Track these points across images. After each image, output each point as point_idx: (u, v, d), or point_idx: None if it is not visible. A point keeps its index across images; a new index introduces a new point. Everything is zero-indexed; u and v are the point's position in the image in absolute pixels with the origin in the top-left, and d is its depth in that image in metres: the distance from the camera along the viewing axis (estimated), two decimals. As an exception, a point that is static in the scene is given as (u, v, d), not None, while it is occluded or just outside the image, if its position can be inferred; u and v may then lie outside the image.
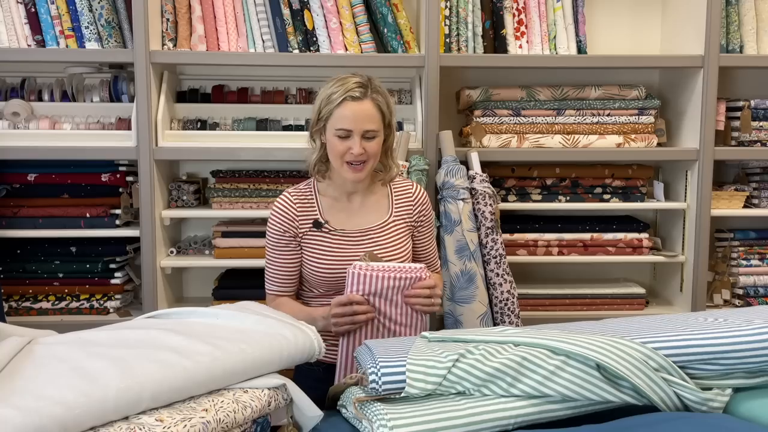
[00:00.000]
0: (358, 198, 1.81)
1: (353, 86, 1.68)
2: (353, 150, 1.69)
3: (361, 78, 1.71)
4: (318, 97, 1.74)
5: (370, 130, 1.69)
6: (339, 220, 1.78)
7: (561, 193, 2.50)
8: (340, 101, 1.68)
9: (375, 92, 1.71)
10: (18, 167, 2.35)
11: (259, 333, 1.23)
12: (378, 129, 1.71)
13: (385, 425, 1.06)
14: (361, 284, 1.62)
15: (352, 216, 1.80)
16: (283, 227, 1.76)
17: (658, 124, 2.49)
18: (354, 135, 1.68)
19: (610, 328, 1.25)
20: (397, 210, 1.82)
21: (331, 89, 1.70)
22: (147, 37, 2.21)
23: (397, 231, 1.80)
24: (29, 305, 2.36)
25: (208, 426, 1.00)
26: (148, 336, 1.18)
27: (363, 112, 1.68)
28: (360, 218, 1.80)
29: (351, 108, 1.68)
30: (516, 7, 2.41)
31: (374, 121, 1.70)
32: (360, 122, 1.68)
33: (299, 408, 1.19)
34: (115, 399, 0.98)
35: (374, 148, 1.72)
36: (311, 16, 2.31)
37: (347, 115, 1.68)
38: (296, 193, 1.81)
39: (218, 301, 2.33)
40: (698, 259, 2.43)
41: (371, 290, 1.62)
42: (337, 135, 1.69)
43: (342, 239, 1.76)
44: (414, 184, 1.90)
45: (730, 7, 2.43)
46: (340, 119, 1.68)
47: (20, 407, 0.91)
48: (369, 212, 1.81)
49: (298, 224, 1.76)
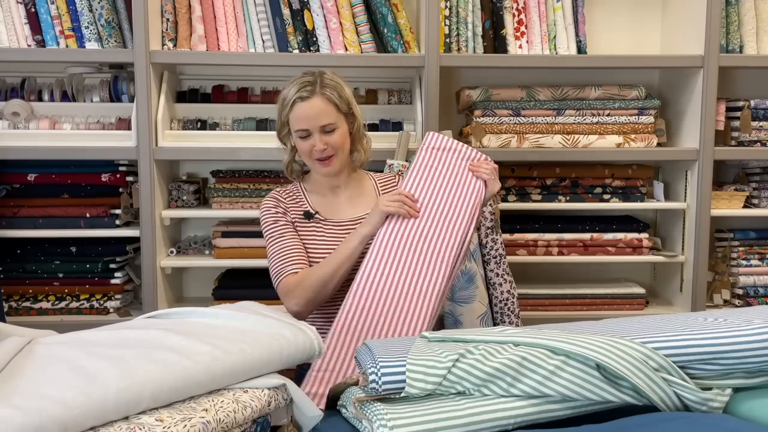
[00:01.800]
0: (342, 191, 1.85)
1: (301, 86, 1.73)
2: (316, 147, 1.74)
3: (310, 76, 1.76)
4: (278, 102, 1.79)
5: (326, 125, 1.74)
6: (329, 211, 1.83)
7: (561, 193, 2.50)
8: (291, 104, 1.74)
9: (323, 87, 1.74)
10: (18, 167, 2.35)
11: (258, 333, 1.23)
12: (334, 121, 1.75)
13: (385, 425, 1.06)
14: (438, 142, 1.76)
15: (341, 208, 1.84)
16: (278, 214, 1.80)
17: (658, 124, 2.49)
18: (313, 133, 1.74)
19: (610, 328, 1.25)
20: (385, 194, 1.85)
21: (284, 93, 1.76)
22: (147, 37, 2.21)
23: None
24: (29, 305, 2.36)
25: (208, 426, 1.00)
26: (148, 336, 1.17)
27: (314, 110, 1.73)
28: (350, 209, 1.84)
29: (302, 109, 1.73)
30: (516, 7, 2.41)
31: (327, 114, 1.74)
32: (313, 120, 1.73)
33: (299, 408, 1.19)
34: (115, 399, 0.98)
35: (337, 139, 1.76)
36: (311, 16, 2.31)
37: (300, 116, 1.73)
38: (283, 190, 1.86)
39: (218, 301, 2.33)
40: (698, 259, 2.43)
41: (444, 153, 1.76)
42: (299, 136, 1.75)
43: (334, 228, 1.80)
44: (395, 175, 1.98)
45: (730, 7, 2.43)
46: (295, 121, 1.74)
47: (20, 407, 0.91)
48: (357, 202, 1.86)
49: (290, 215, 1.81)
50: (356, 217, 1.82)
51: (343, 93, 1.78)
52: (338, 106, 1.76)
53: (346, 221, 1.82)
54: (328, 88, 1.75)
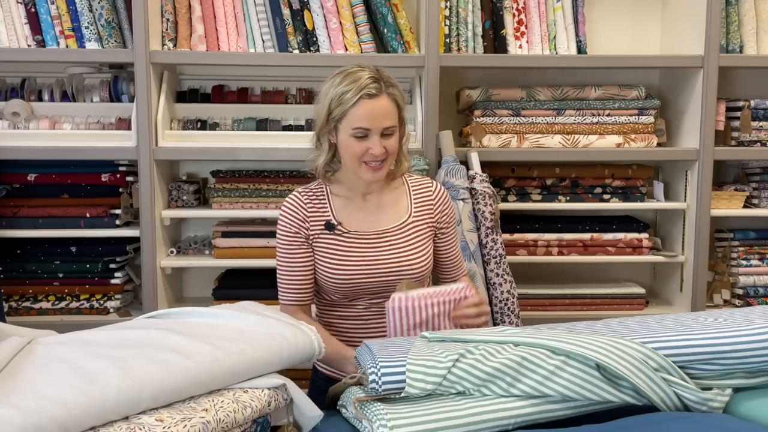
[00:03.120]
0: (373, 197, 1.69)
1: (367, 82, 1.56)
2: (373, 150, 1.56)
3: (370, 71, 1.59)
4: (325, 96, 1.60)
5: (389, 127, 1.58)
6: (353, 221, 1.66)
7: (561, 193, 2.50)
8: (355, 101, 1.55)
9: (389, 85, 1.59)
10: (18, 167, 2.35)
11: (259, 333, 1.23)
12: (396, 125, 1.60)
13: (385, 425, 1.06)
14: (404, 316, 1.51)
15: (367, 217, 1.67)
16: (294, 228, 1.65)
17: (658, 124, 2.49)
18: (372, 134, 1.56)
19: (610, 328, 1.25)
20: (417, 210, 1.70)
21: (343, 87, 1.57)
22: (147, 37, 2.21)
23: (418, 233, 1.67)
24: (29, 305, 2.36)
25: (208, 426, 1.00)
26: (148, 336, 1.17)
27: (381, 110, 1.56)
28: (376, 219, 1.67)
29: (368, 106, 1.55)
30: (516, 7, 2.41)
31: (392, 116, 1.59)
32: (379, 120, 1.56)
33: (299, 408, 1.19)
34: (115, 399, 0.98)
35: (394, 145, 1.61)
36: (311, 16, 2.31)
37: (364, 115, 1.55)
38: (306, 192, 1.69)
39: (218, 301, 2.33)
40: (698, 259, 2.43)
41: (416, 321, 1.52)
42: (354, 135, 1.57)
43: (356, 242, 1.64)
44: (434, 182, 1.77)
45: (730, 7, 2.43)
46: (356, 119, 1.56)
47: (20, 407, 0.91)
48: (386, 212, 1.69)
49: (309, 225, 1.65)
50: (381, 229, 1.65)
51: (403, 94, 1.65)
52: (400, 110, 1.62)
53: (370, 234, 1.64)
54: (392, 87, 1.60)
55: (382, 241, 1.65)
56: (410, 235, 1.67)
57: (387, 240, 1.65)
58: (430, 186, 1.74)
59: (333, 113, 1.58)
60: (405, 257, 1.64)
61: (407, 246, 1.66)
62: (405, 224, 1.68)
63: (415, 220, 1.69)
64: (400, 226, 1.67)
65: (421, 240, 1.68)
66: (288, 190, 2.36)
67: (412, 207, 1.70)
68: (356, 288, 1.63)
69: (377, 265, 1.63)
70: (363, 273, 1.62)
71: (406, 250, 1.65)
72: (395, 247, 1.65)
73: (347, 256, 1.63)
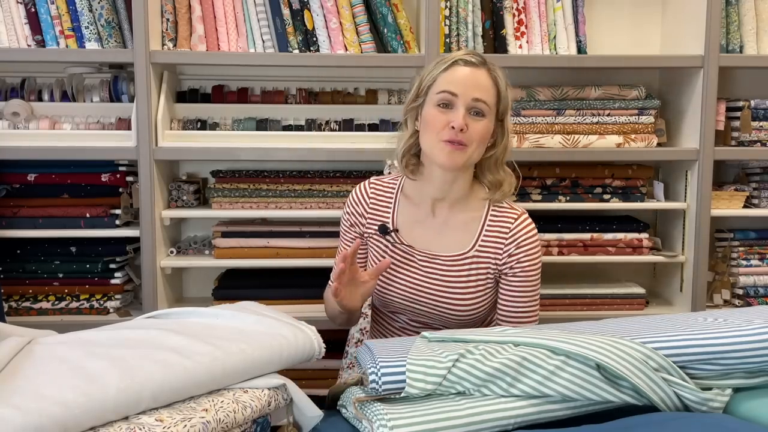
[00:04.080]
0: (442, 213, 1.49)
1: (467, 53, 1.45)
2: (455, 122, 1.37)
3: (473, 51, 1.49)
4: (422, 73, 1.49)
5: (479, 100, 1.39)
6: (412, 233, 1.49)
7: (561, 193, 2.50)
8: (449, 65, 1.41)
9: (494, 68, 1.45)
10: (18, 167, 2.35)
11: (258, 333, 1.23)
12: (489, 104, 1.41)
13: (385, 425, 1.06)
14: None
15: (428, 233, 1.49)
16: (352, 219, 1.56)
17: (658, 124, 2.49)
18: (458, 104, 1.39)
19: (611, 328, 1.25)
20: (484, 245, 1.47)
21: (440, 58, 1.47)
22: (147, 37, 2.21)
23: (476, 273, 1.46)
24: (29, 305, 2.36)
25: (208, 426, 1.00)
26: (148, 336, 1.18)
27: (474, 78, 1.40)
28: (436, 239, 1.48)
29: (461, 71, 1.41)
30: (516, 7, 2.41)
31: (486, 91, 1.41)
32: (470, 88, 1.39)
33: (299, 408, 1.19)
34: (115, 399, 0.98)
35: (481, 130, 1.40)
36: (311, 16, 2.31)
37: (455, 78, 1.40)
38: (377, 185, 1.56)
39: (218, 301, 2.33)
40: (698, 259, 2.43)
41: None
42: (439, 103, 1.40)
43: (406, 257, 1.49)
44: (521, 215, 1.49)
45: (730, 7, 2.43)
46: (445, 83, 1.40)
47: (20, 407, 0.91)
48: (450, 236, 1.48)
49: (367, 222, 1.54)
50: (434, 254, 1.47)
51: (509, 89, 1.49)
52: (500, 95, 1.45)
53: (423, 254, 1.48)
54: (499, 71, 1.46)
55: (432, 267, 1.48)
56: (464, 272, 1.47)
57: (437, 268, 1.48)
58: (511, 218, 1.47)
59: (424, 81, 1.45)
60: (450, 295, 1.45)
61: (457, 284, 1.46)
62: (463, 257, 1.47)
63: (477, 255, 1.47)
64: (456, 258, 1.47)
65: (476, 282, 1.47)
66: (288, 190, 2.36)
67: (480, 240, 1.47)
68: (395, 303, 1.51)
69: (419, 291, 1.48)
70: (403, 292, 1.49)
71: (455, 289, 1.46)
72: (443, 280, 1.46)
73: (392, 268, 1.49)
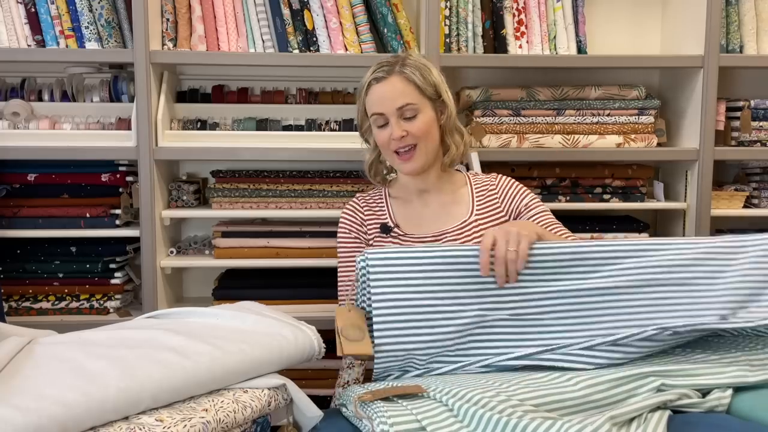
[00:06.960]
0: (432, 198, 1.61)
1: (377, 68, 1.54)
2: (393, 134, 1.50)
3: (391, 57, 1.56)
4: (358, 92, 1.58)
5: (405, 105, 1.50)
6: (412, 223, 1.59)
7: (561, 193, 2.50)
8: (366, 88, 1.53)
9: (404, 66, 1.53)
10: (18, 167, 2.35)
11: (258, 333, 1.23)
12: (415, 102, 1.51)
13: (385, 422, 1.06)
14: None
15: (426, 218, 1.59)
16: (353, 233, 1.61)
17: (658, 124, 2.49)
18: (389, 119, 1.51)
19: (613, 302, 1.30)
20: (480, 206, 1.60)
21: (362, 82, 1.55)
22: (147, 37, 2.21)
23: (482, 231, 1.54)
24: (29, 305, 2.36)
25: (208, 426, 1.00)
26: (148, 336, 1.18)
27: (390, 91, 1.50)
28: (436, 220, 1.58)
29: (377, 90, 1.52)
30: (516, 7, 2.41)
31: (406, 94, 1.50)
32: (389, 102, 1.50)
33: (299, 408, 1.20)
34: (115, 399, 0.98)
35: (419, 126, 1.51)
36: (311, 16, 2.31)
37: (375, 100, 1.52)
38: (363, 197, 1.66)
39: (218, 301, 2.32)
40: (698, 259, 2.43)
41: None
42: (376, 125, 1.53)
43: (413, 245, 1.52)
44: (498, 175, 1.67)
45: (730, 7, 2.43)
46: (371, 105, 1.53)
47: (20, 407, 0.91)
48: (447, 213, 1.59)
49: (367, 228, 1.60)
50: (439, 231, 1.55)
51: (428, 75, 1.55)
52: (421, 88, 1.52)
53: (429, 237, 1.55)
54: (409, 67, 1.53)
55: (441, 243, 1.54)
56: (472, 235, 1.57)
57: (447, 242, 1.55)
58: (492, 179, 1.64)
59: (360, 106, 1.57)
60: None
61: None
62: (466, 224, 1.58)
63: (478, 218, 1.59)
64: (460, 226, 1.58)
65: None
66: (288, 190, 2.36)
67: (475, 204, 1.61)
68: None
69: None
70: None
71: None
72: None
73: None
